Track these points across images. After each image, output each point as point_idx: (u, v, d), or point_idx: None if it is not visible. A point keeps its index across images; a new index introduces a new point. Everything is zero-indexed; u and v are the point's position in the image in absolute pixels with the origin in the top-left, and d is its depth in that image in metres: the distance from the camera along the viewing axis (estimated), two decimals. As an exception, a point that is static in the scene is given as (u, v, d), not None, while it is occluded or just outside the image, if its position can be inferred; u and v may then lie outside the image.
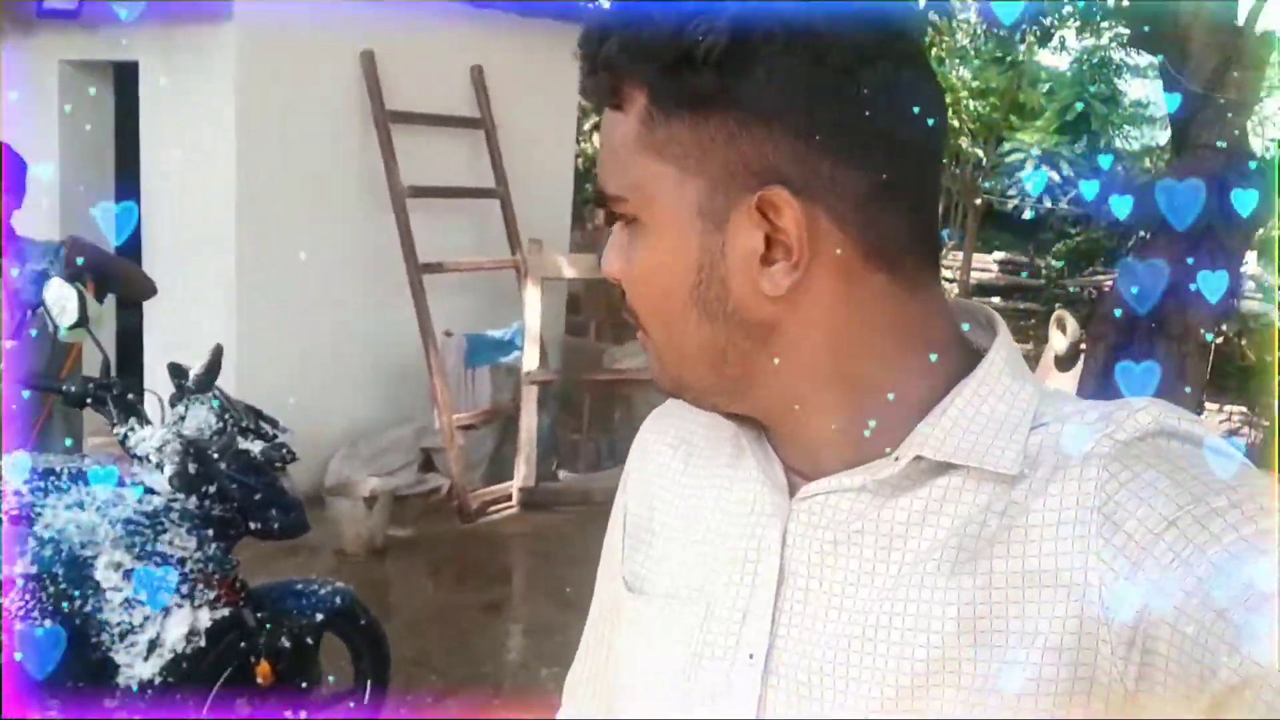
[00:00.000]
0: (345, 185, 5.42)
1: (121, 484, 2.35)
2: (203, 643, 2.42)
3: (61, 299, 2.67)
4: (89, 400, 2.56)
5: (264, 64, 4.99)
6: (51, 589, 2.19)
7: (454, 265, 5.49)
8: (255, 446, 2.52)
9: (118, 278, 3.12)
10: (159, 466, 2.33)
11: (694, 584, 0.74)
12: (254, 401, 5.04)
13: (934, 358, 0.67)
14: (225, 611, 2.50)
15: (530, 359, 5.42)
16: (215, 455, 2.45)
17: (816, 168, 0.62)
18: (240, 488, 2.51)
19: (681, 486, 0.79)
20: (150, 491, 2.35)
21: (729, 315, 0.66)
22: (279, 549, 4.89)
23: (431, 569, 4.95)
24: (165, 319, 5.39)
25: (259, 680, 2.77)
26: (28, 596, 2.16)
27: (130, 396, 2.55)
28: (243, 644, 2.67)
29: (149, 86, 5.31)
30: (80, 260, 2.89)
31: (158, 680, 2.36)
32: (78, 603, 2.22)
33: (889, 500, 0.66)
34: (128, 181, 5.66)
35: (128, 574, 2.25)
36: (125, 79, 5.61)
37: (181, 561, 2.35)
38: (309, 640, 2.80)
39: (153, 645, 2.34)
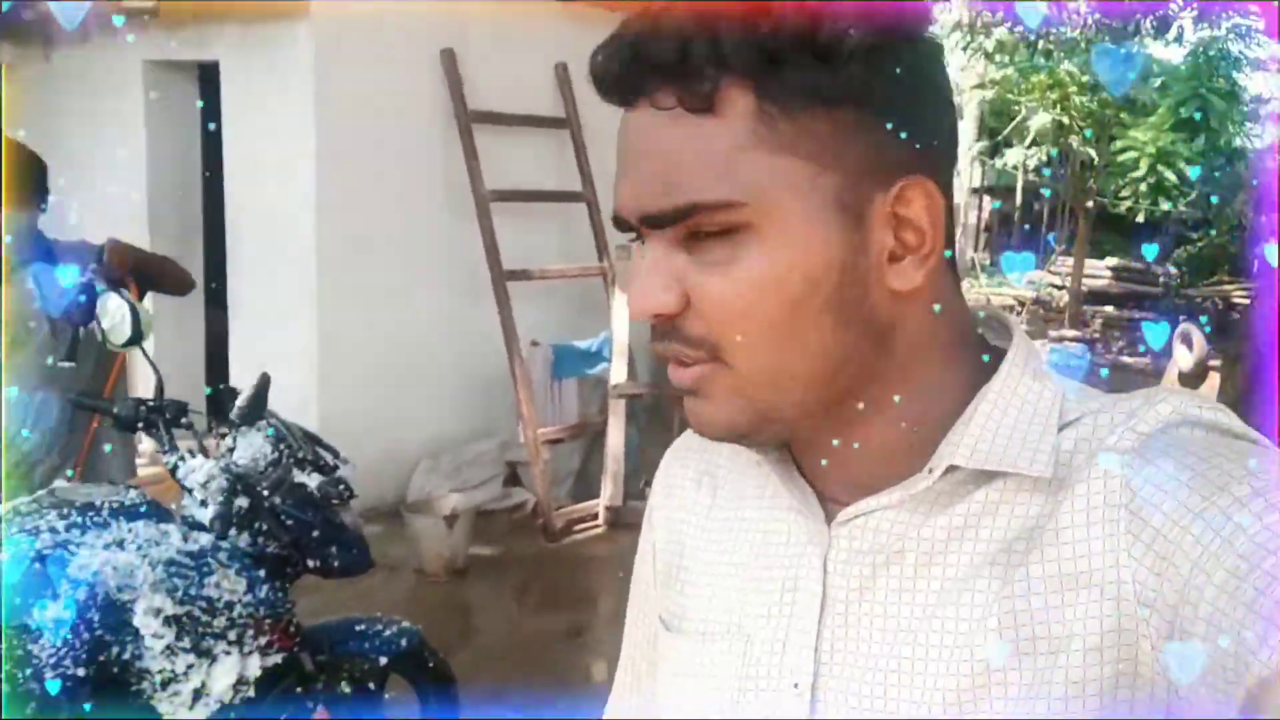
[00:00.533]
0: (427, 189, 5.22)
1: (167, 519, 2.14)
2: (251, 693, 2.19)
3: (117, 315, 2.49)
4: (140, 424, 2.37)
5: (341, 63, 4.81)
6: (86, 635, 1.98)
7: (540, 273, 5.26)
8: (313, 480, 2.28)
9: (157, 276, 2.99)
10: (204, 503, 2.11)
11: (731, 620, 0.73)
12: (335, 414, 4.96)
13: (957, 365, 0.68)
14: (278, 658, 2.27)
15: (618, 371, 5.16)
16: (267, 490, 2.22)
17: (932, 159, 0.63)
18: (296, 524, 2.28)
19: (711, 521, 0.78)
20: (197, 528, 2.13)
21: (863, 317, 0.64)
22: (355, 568, 4.74)
23: (514, 591, 4.72)
24: (250, 324, 5.27)
25: (318, 729, 2.56)
26: (60, 644, 1.95)
27: (185, 420, 2.35)
28: (300, 689, 2.45)
29: (230, 86, 5.19)
30: (119, 265, 2.75)
31: (207, 731, 2.14)
32: (115, 650, 2.01)
33: (928, 517, 0.66)
34: (214, 181, 5.56)
35: (169, 620, 2.03)
36: (209, 78, 5.51)
37: (229, 606, 2.13)
38: (371, 685, 2.56)
39: (198, 695, 2.12)
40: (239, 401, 2.24)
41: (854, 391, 0.66)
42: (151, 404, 2.36)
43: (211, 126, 5.41)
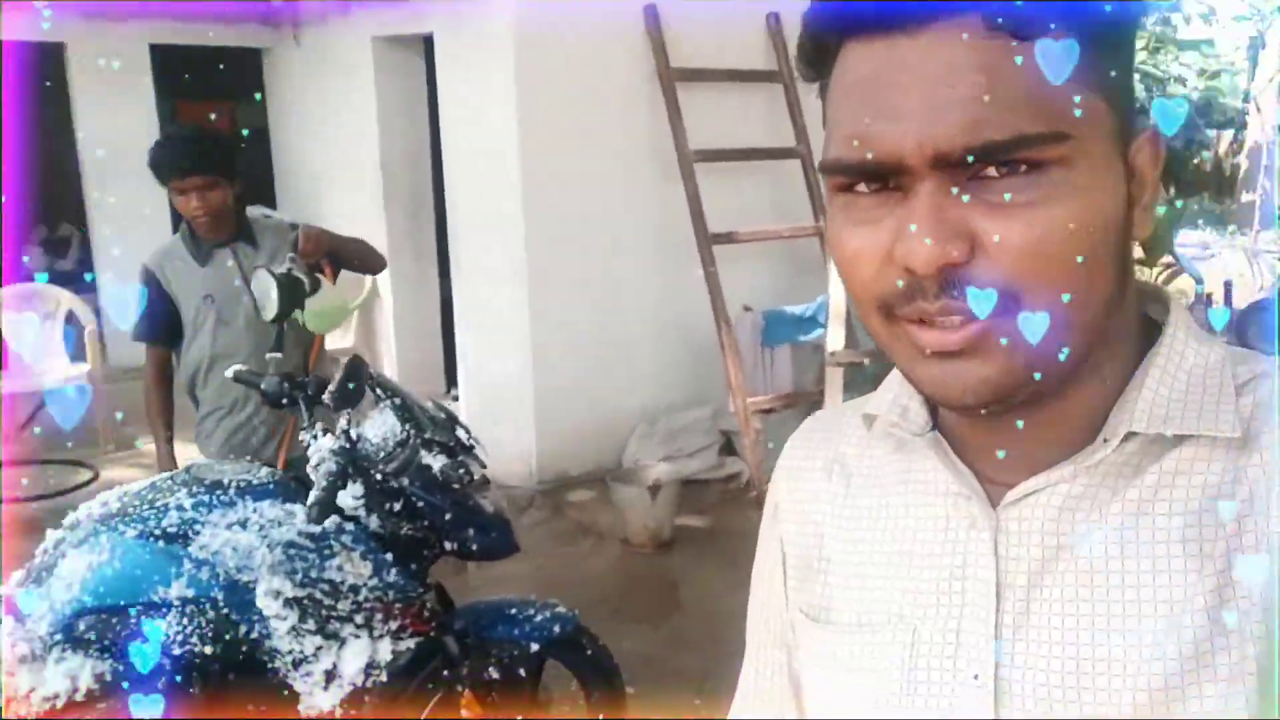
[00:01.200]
0: (631, 150, 5.08)
1: (295, 499, 2.12)
2: (384, 677, 2.14)
3: (261, 291, 2.52)
4: (285, 400, 2.37)
5: (543, 26, 4.73)
6: (212, 614, 1.99)
7: (748, 235, 5.02)
8: (437, 462, 2.20)
9: (350, 258, 3.00)
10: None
11: (891, 610, 0.71)
12: (549, 381, 4.96)
13: (1125, 329, 0.65)
14: (411, 642, 2.22)
15: (835, 338, 4.84)
16: (392, 471, 2.16)
17: (1146, 105, 0.64)
18: (428, 506, 2.21)
19: (848, 509, 0.76)
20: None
21: (1125, 267, 0.63)
22: (558, 536, 4.73)
23: (720, 563, 4.56)
24: (470, 291, 5.36)
25: (463, 713, 2.50)
26: (185, 621, 1.96)
27: (325, 397, 2.32)
28: (446, 673, 2.39)
29: (443, 57, 5.26)
30: (314, 250, 2.79)
31: (339, 713, 2.12)
32: (243, 629, 2.01)
33: (1110, 494, 0.63)
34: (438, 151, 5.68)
35: (289, 602, 2.00)
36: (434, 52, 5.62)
37: (354, 589, 2.08)
38: (522, 671, 2.48)
39: (330, 676, 2.09)
40: (330, 387, 2.18)
41: (1093, 351, 0.62)
42: (294, 380, 2.35)
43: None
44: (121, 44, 6.85)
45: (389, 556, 2.14)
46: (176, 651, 1.96)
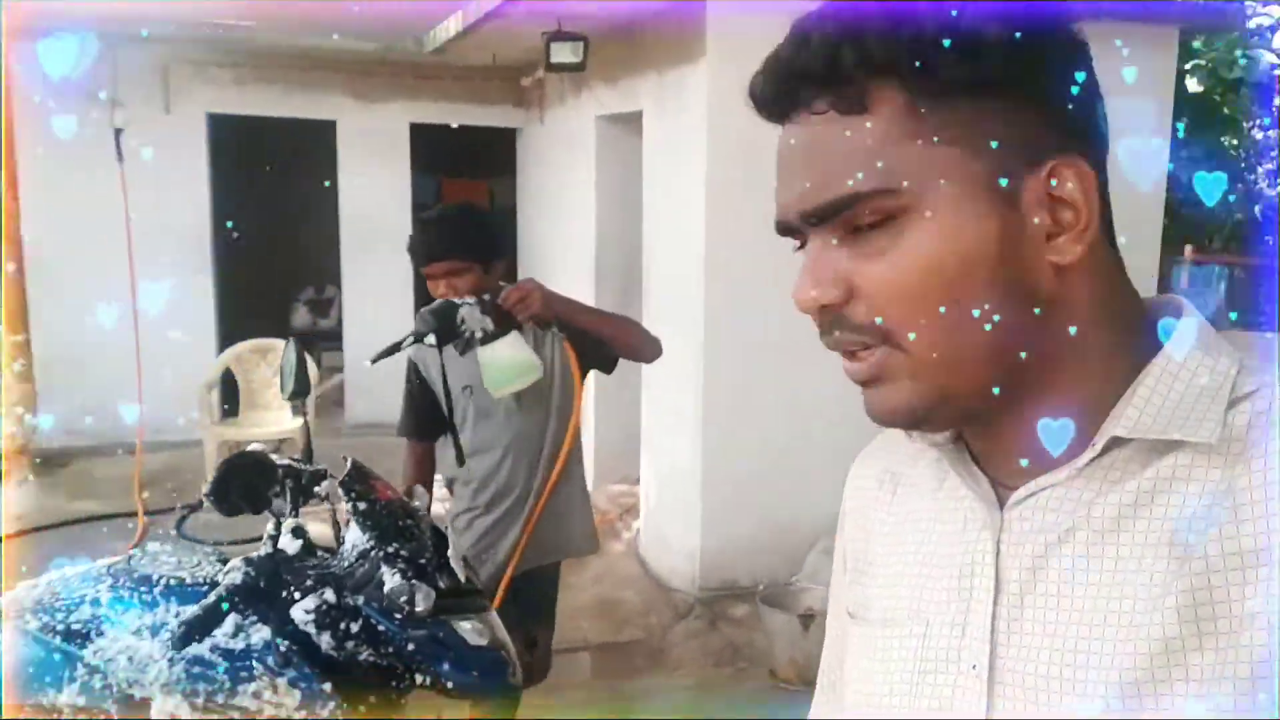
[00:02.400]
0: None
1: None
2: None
3: (282, 364, 2.37)
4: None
5: (733, 99, 4.42)
6: (108, 728, 1.77)
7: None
8: (392, 580, 1.89)
9: (598, 332, 2.78)
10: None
11: (911, 606, 0.76)
12: (721, 475, 4.55)
13: (1122, 337, 0.68)
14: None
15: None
16: (340, 589, 1.87)
17: (1083, 139, 0.66)
18: (387, 631, 1.90)
19: (892, 516, 0.82)
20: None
21: (1026, 294, 0.66)
22: (708, 653, 4.26)
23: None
24: (653, 377, 5.09)
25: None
26: (80, 732, 1.76)
27: (319, 487, 2.09)
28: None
29: (646, 133, 5.10)
30: (518, 304, 2.59)
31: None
32: (145, 750, 1.78)
33: (1099, 494, 0.67)
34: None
35: (185, 729, 1.75)
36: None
37: (274, 720, 1.80)
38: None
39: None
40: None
41: (1028, 368, 0.67)
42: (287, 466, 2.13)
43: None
44: (385, 122, 7.26)
45: (326, 687, 1.85)
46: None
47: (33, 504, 5.81)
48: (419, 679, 1.96)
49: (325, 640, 1.88)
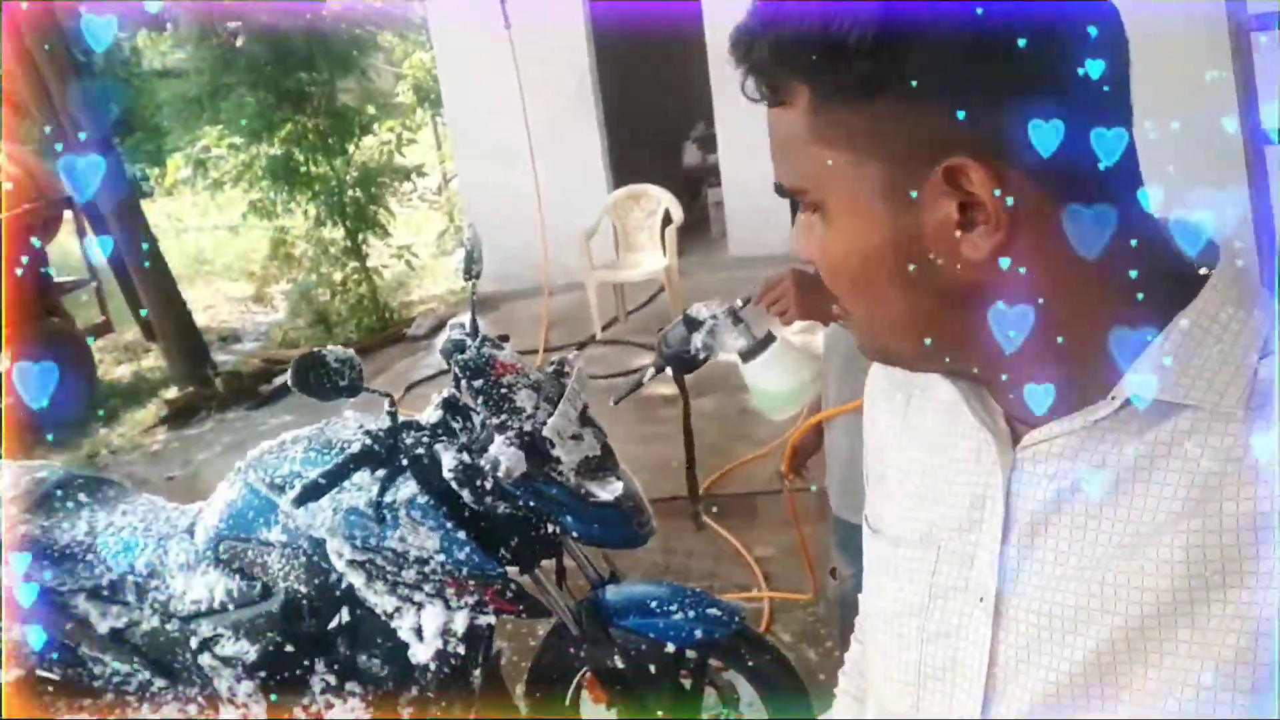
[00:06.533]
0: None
1: (391, 467, 2.22)
2: (462, 649, 2.21)
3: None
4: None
5: None
6: (304, 559, 2.23)
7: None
8: (496, 447, 2.12)
9: None
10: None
11: (921, 529, 0.78)
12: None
13: (1140, 296, 0.64)
14: (493, 618, 2.24)
15: None
16: (470, 450, 2.16)
17: (992, 127, 0.61)
18: (513, 488, 2.16)
19: (903, 428, 0.83)
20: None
21: (933, 287, 0.66)
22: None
23: None
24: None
25: (589, 697, 2.46)
26: (284, 561, 2.24)
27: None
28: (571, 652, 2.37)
29: None
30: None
31: (433, 666, 2.25)
32: (332, 577, 2.23)
33: (1115, 446, 0.66)
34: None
35: (350, 564, 2.17)
36: None
37: (421, 560, 2.15)
38: (651, 668, 2.33)
39: (419, 632, 2.22)
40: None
41: (964, 343, 0.68)
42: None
43: None
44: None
45: (461, 533, 2.17)
46: (282, 585, 2.25)
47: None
48: (551, 529, 2.22)
49: (466, 494, 2.18)
